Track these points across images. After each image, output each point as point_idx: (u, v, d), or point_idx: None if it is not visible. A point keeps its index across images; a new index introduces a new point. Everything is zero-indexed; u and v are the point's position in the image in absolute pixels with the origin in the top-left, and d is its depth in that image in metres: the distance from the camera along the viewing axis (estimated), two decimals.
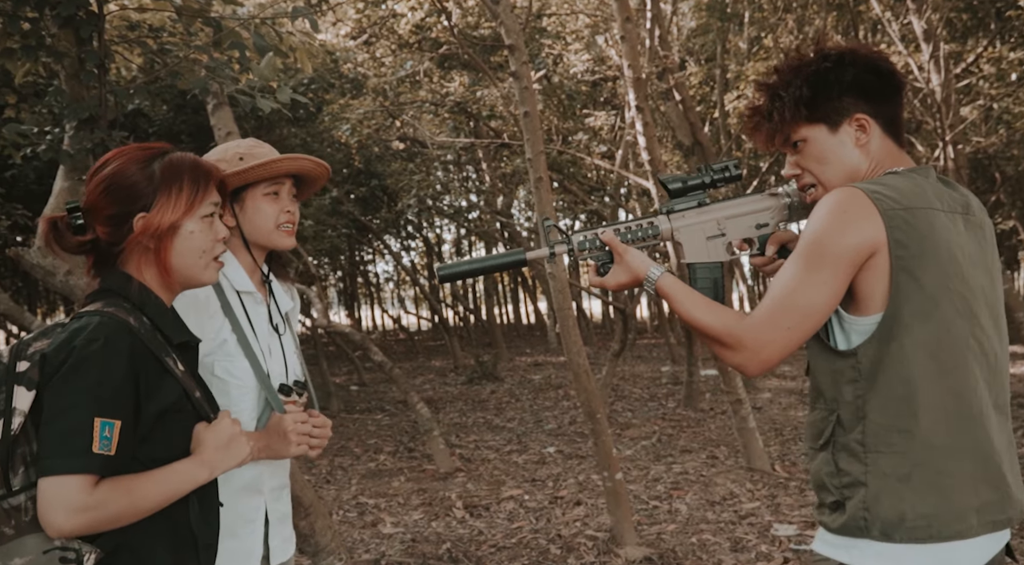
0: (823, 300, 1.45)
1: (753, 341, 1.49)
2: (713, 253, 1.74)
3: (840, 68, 1.57)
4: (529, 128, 4.36)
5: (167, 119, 8.25)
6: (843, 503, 1.50)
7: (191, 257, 1.58)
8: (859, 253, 1.43)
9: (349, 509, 5.74)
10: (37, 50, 3.13)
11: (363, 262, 22.73)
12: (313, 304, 7.86)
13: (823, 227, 1.45)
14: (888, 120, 1.59)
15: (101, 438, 1.37)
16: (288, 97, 3.35)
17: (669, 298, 1.67)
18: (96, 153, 3.01)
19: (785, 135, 1.63)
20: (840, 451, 1.51)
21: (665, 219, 1.77)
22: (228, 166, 1.93)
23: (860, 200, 1.43)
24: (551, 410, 9.57)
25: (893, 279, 1.43)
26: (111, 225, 1.53)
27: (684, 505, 5.19)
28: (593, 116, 10.18)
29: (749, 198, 1.77)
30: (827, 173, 1.60)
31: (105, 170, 1.57)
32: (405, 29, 9.27)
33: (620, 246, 1.73)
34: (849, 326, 1.50)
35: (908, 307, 1.43)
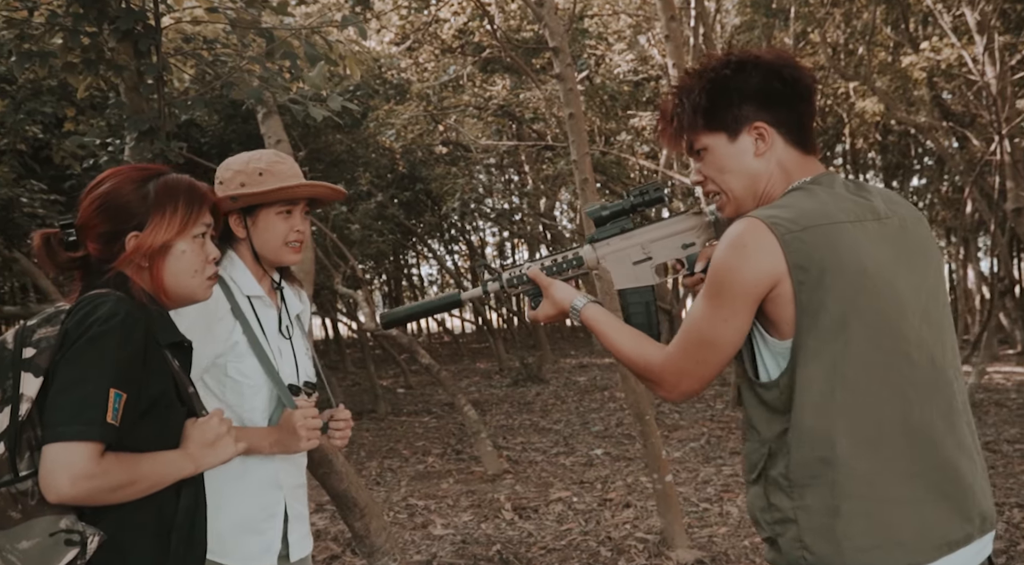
0: (728, 334, 1.44)
1: (670, 375, 1.52)
2: (641, 277, 1.75)
3: (741, 75, 1.51)
4: (574, 130, 4.36)
5: (218, 129, 8.42)
6: (776, 540, 1.44)
7: (184, 276, 1.63)
8: (758, 287, 1.39)
9: (399, 510, 5.79)
10: (97, 64, 3.24)
11: (407, 266, 22.92)
12: (360, 308, 7.94)
13: (723, 262, 1.42)
14: (792, 128, 1.53)
15: (114, 409, 1.42)
16: (339, 105, 3.42)
17: (593, 329, 1.69)
18: (155, 163, 3.10)
19: (688, 142, 1.59)
20: (770, 485, 1.45)
21: (590, 249, 1.79)
22: (247, 180, 1.99)
23: (757, 230, 1.39)
24: (597, 412, 9.54)
25: (797, 303, 1.38)
26: (103, 243, 1.58)
27: (735, 508, 5.13)
28: (637, 116, 10.14)
29: (673, 219, 1.76)
30: (729, 182, 1.55)
31: (100, 188, 1.61)
32: (448, 34, 9.34)
33: (544, 280, 1.77)
34: (774, 349, 1.44)
35: (814, 332, 1.38)
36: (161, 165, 1.72)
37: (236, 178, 2.01)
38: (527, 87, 10.29)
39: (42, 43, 3.58)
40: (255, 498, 1.99)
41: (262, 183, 1.98)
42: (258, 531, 1.98)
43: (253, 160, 2.03)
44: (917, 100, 11.58)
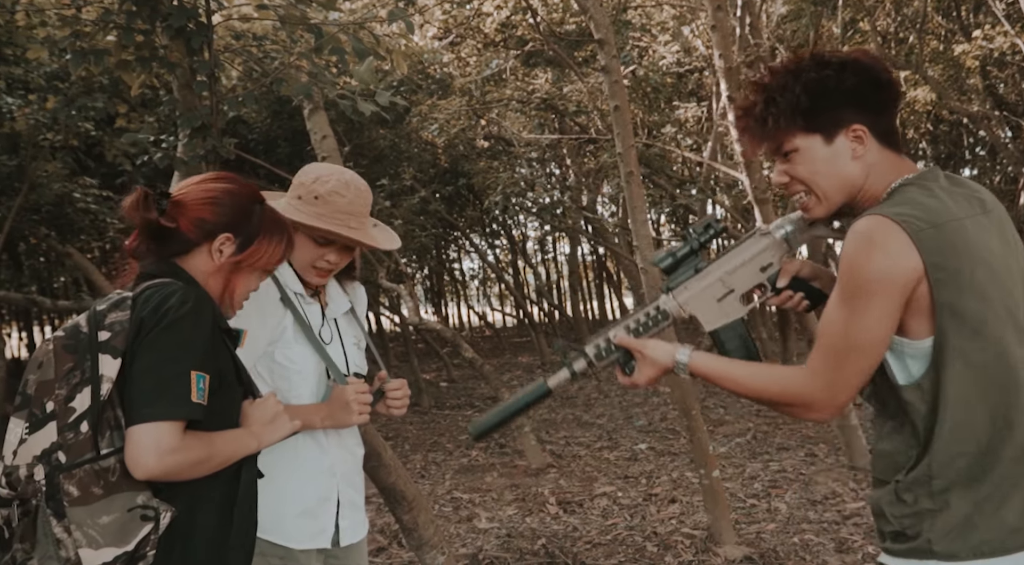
0: (879, 336, 1.40)
1: (822, 392, 1.47)
2: (730, 312, 1.71)
3: (840, 76, 1.48)
4: (619, 122, 4.32)
5: (265, 125, 8.52)
6: (904, 533, 1.45)
7: (242, 292, 1.75)
8: (907, 284, 1.37)
9: (444, 504, 5.82)
10: (151, 61, 3.29)
11: (449, 260, 23.00)
12: (404, 302, 7.99)
13: (862, 263, 1.38)
14: (884, 131, 1.52)
15: (198, 389, 1.51)
16: (387, 100, 3.42)
17: (710, 378, 1.63)
18: (208, 160, 3.15)
19: (778, 143, 1.54)
20: (910, 484, 1.44)
21: (669, 298, 1.74)
22: (304, 195, 2.01)
23: (890, 228, 1.37)
24: (641, 406, 9.48)
25: (936, 303, 1.36)
26: (199, 228, 1.67)
27: (784, 504, 5.06)
28: (683, 108, 10.02)
29: (742, 246, 1.72)
30: (820, 185, 1.52)
31: (220, 185, 1.72)
32: (491, 28, 9.32)
33: (635, 343, 1.72)
34: (901, 349, 1.43)
35: (956, 330, 1.37)
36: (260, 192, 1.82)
37: (298, 189, 2.03)
38: (570, 80, 10.24)
39: (95, 41, 3.65)
40: (311, 483, 2.04)
41: (311, 206, 1.99)
42: (313, 515, 2.03)
43: (320, 180, 2.02)
44: (970, 89, 11.28)
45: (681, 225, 20.08)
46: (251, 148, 8.25)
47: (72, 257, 7.65)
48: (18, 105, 6.22)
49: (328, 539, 2.06)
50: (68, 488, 1.47)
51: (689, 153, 9.79)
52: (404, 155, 10.41)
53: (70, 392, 1.50)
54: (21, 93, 6.54)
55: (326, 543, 2.05)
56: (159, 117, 5.57)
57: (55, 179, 7.23)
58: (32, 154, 6.86)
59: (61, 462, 1.48)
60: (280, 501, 1.97)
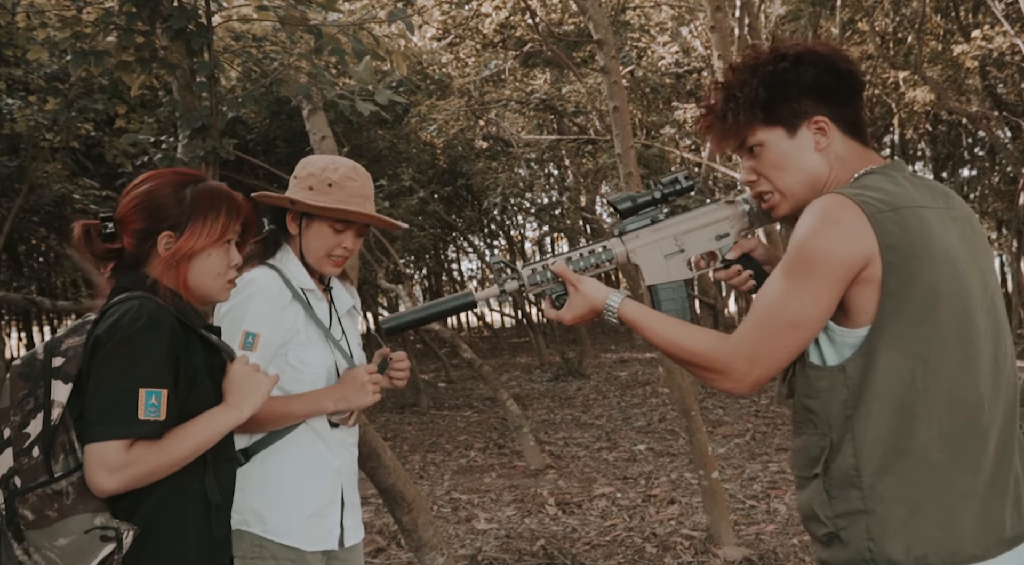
0: (815, 316, 1.36)
1: (741, 363, 1.41)
2: (674, 271, 1.65)
3: (798, 68, 1.47)
4: (618, 123, 4.32)
5: (264, 126, 8.52)
6: (838, 535, 1.38)
7: (206, 278, 1.71)
8: (852, 266, 1.33)
9: (443, 505, 5.82)
10: (151, 62, 3.29)
11: (448, 260, 23.01)
12: (403, 302, 8.00)
13: (814, 237, 1.35)
14: (849, 121, 1.50)
15: (147, 406, 1.52)
16: (387, 98, 3.43)
17: (636, 325, 1.56)
18: (208, 160, 3.15)
19: (740, 139, 1.53)
20: (834, 478, 1.39)
21: (618, 241, 1.67)
22: (316, 185, 2.02)
23: (847, 207, 1.34)
24: (639, 407, 9.49)
25: (884, 286, 1.33)
26: (137, 239, 1.67)
27: (783, 505, 5.06)
28: (681, 109, 10.03)
29: (705, 208, 1.68)
30: (785, 180, 1.50)
31: (140, 188, 1.70)
32: (489, 28, 9.33)
33: (572, 276, 1.64)
34: (840, 339, 1.38)
35: (899, 315, 1.33)
36: (199, 172, 1.80)
37: (307, 180, 2.04)
38: (569, 81, 10.24)
39: (95, 42, 3.65)
40: (319, 485, 2.05)
41: (326, 194, 2.01)
42: (321, 516, 2.04)
43: (329, 168, 2.04)
44: (969, 89, 11.29)
45: None
46: (250, 149, 8.25)
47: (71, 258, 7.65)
48: (18, 106, 6.23)
49: (335, 540, 2.07)
50: (23, 512, 1.50)
51: (688, 154, 9.79)
52: (403, 155, 10.41)
53: (24, 418, 1.53)
54: (21, 94, 6.54)
55: (333, 544, 2.06)
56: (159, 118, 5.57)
57: (55, 180, 7.24)
58: (32, 155, 6.86)
59: (16, 486, 1.51)
60: (290, 503, 1.98)
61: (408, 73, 9.41)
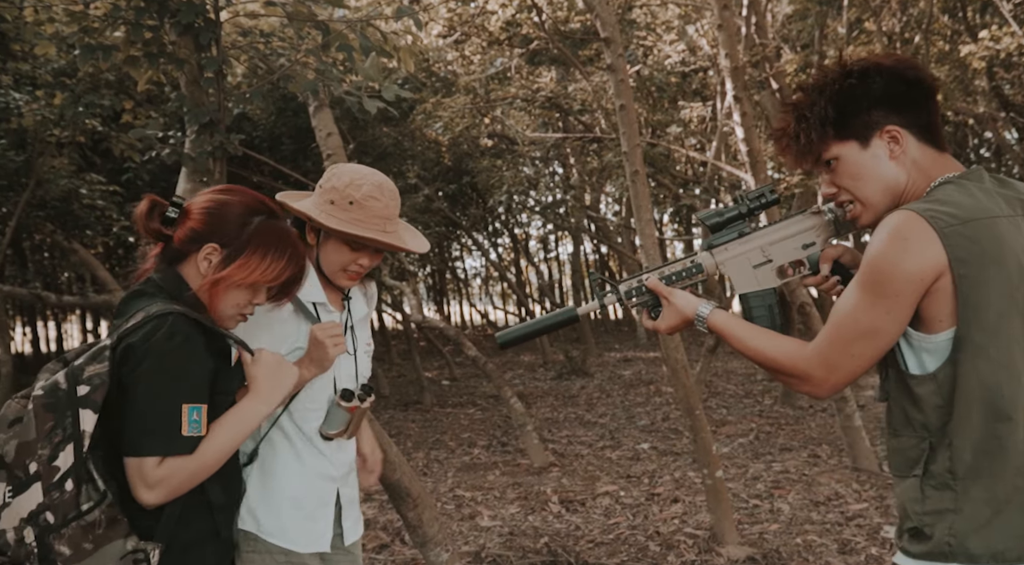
0: (887, 328, 1.45)
1: (819, 370, 1.51)
2: (763, 281, 1.75)
3: (865, 82, 1.53)
4: (625, 121, 4.32)
5: (270, 123, 8.53)
6: (922, 530, 1.47)
7: (227, 305, 1.70)
8: (923, 280, 1.40)
9: (447, 501, 5.82)
10: (158, 57, 3.30)
11: (452, 258, 23.02)
12: (407, 300, 8.00)
13: (883, 254, 1.41)
14: (922, 128, 1.54)
15: (190, 422, 1.55)
16: (394, 95, 3.42)
17: (724, 334, 1.68)
18: (215, 156, 3.15)
19: (816, 155, 1.60)
20: (929, 479, 1.47)
21: (708, 255, 1.78)
22: (338, 200, 1.96)
23: (917, 224, 1.40)
24: (643, 406, 9.49)
25: (959, 298, 1.39)
26: (188, 238, 1.68)
27: (786, 505, 5.06)
28: (687, 108, 10.01)
29: (790, 220, 1.76)
30: (863, 190, 1.57)
31: (220, 196, 1.72)
32: (496, 26, 9.32)
33: (664, 289, 1.77)
34: (919, 344, 1.46)
35: (977, 325, 1.39)
36: (275, 206, 1.80)
37: (330, 194, 1.98)
38: (574, 79, 10.23)
39: (103, 37, 3.66)
40: (312, 489, 2.05)
41: (346, 212, 1.95)
42: (313, 519, 2.04)
43: (354, 184, 1.98)
44: (976, 90, 11.25)
45: (685, 225, 20.08)
46: (256, 145, 8.26)
47: (77, 253, 7.66)
48: (25, 101, 6.24)
49: (327, 543, 2.07)
50: (60, 549, 1.48)
51: (693, 152, 9.78)
52: (408, 153, 10.41)
53: (53, 451, 1.48)
54: (28, 89, 6.55)
55: (326, 547, 2.06)
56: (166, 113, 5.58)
57: (62, 175, 7.25)
58: (39, 150, 6.88)
59: (50, 522, 1.47)
60: (282, 506, 1.98)
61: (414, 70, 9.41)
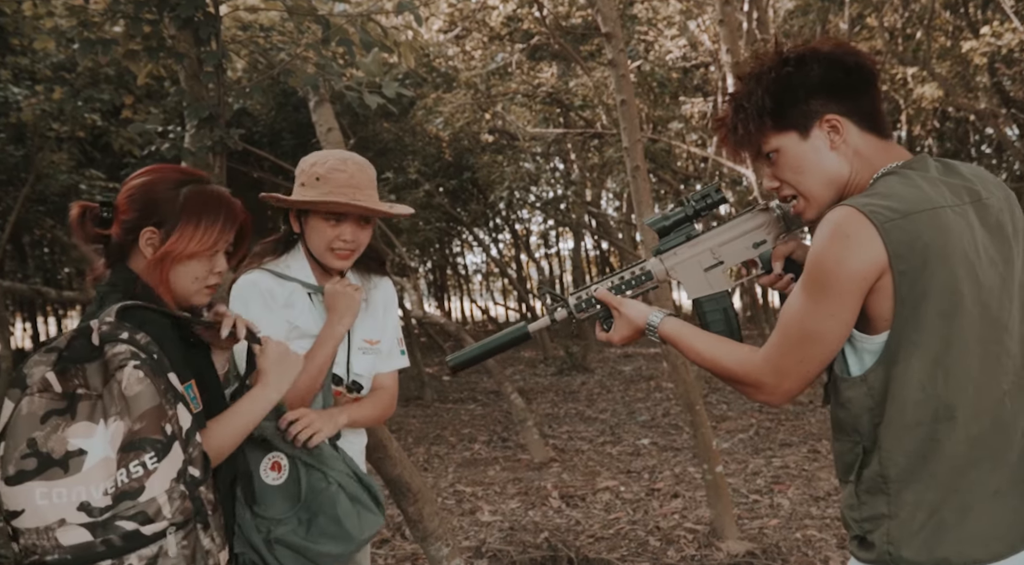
0: (832, 330, 1.38)
1: (770, 376, 1.46)
2: (715, 283, 1.70)
3: (802, 70, 1.46)
4: (626, 117, 4.31)
5: (270, 117, 8.53)
6: (864, 537, 1.42)
7: (186, 280, 1.67)
8: (866, 278, 1.33)
9: (447, 497, 5.83)
10: (158, 51, 3.29)
11: (453, 254, 23.01)
12: (408, 295, 8.00)
13: (823, 255, 1.36)
14: (864, 115, 1.48)
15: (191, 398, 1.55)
16: (394, 91, 3.42)
17: (675, 343, 1.62)
18: (215, 151, 3.15)
19: (755, 147, 1.54)
20: (864, 483, 1.42)
21: (657, 261, 1.73)
22: (307, 180, 2.02)
23: (856, 220, 1.33)
24: (643, 402, 9.49)
25: (896, 297, 1.33)
26: (124, 229, 1.65)
27: (786, 500, 5.06)
28: (689, 103, 10.00)
29: (738, 219, 1.71)
30: (806, 183, 1.50)
31: (139, 180, 1.69)
32: (496, 21, 9.30)
33: (614, 300, 1.72)
34: (861, 346, 1.40)
35: (915, 323, 1.33)
36: (202, 172, 1.77)
37: (300, 177, 2.05)
38: (576, 74, 10.21)
39: (102, 31, 3.65)
40: None
41: (314, 188, 2.01)
42: None
43: (319, 162, 2.04)
44: (977, 86, 11.23)
45: None
46: (256, 140, 8.25)
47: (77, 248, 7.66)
48: (25, 95, 6.23)
49: None
50: (209, 497, 1.51)
51: (695, 148, 9.76)
52: (409, 148, 10.40)
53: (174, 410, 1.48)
54: (28, 83, 6.55)
55: None
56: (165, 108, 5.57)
57: (61, 170, 7.25)
58: (38, 145, 6.87)
59: (196, 476, 1.48)
60: None
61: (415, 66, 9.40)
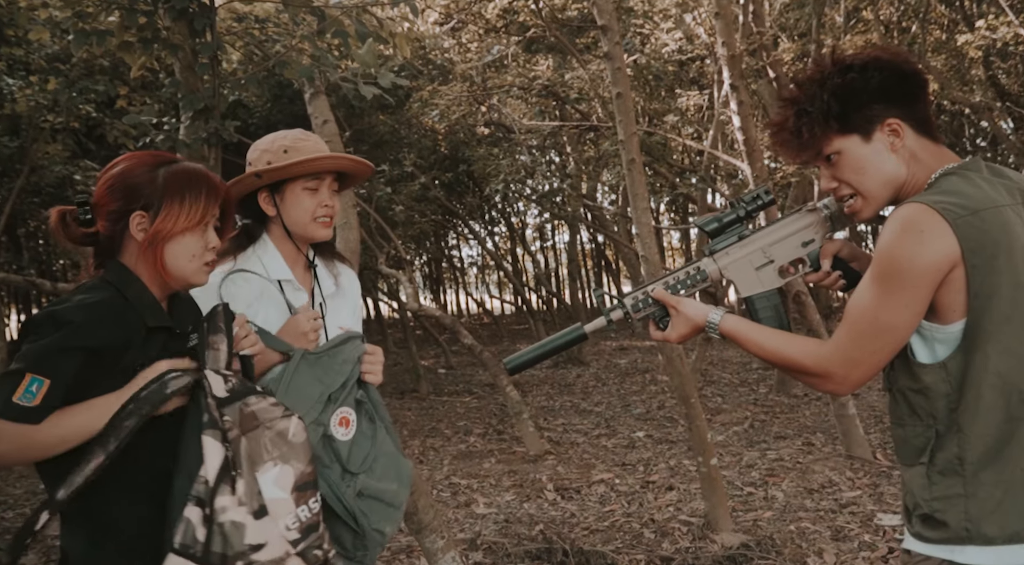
0: (905, 321, 1.46)
1: (840, 367, 1.52)
2: (766, 281, 1.76)
3: (864, 76, 1.55)
4: (621, 110, 4.31)
5: (265, 109, 8.50)
6: (932, 516, 1.48)
7: (182, 260, 1.67)
8: (939, 271, 1.41)
9: (442, 489, 5.84)
10: (153, 43, 3.28)
11: (448, 247, 23.01)
12: (403, 288, 8.01)
13: (897, 248, 1.43)
14: (919, 120, 1.56)
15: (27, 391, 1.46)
16: (390, 82, 3.41)
17: (737, 339, 1.68)
18: (210, 143, 3.14)
19: (816, 149, 1.61)
20: (938, 466, 1.49)
21: (710, 261, 1.80)
22: (273, 157, 2.01)
23: (929, 215, 1.41)
24: (638, 394, 9.51)
25: (970, 287, 1.41)
26: (110, 220, 1.64)
27: (780, 492, 5.09)
28: (684, 96, 9.99)
29: (788, 219, 1.77)
30: (866, 183, 1.57)
31: (114, 169, 1.68)
32: (492, 13, 9.27)
33: (672, 299, 1.77)
34: (931, 335, 1.47)
35: (988, 314, 1.42)
36: (174, 154, 1.78)
37: (263, 157, 2.04)
38: (571, 67, 10.19)
39: (97, 22, 3.63)
40: None
41: (286, 160, 2.00)
42: None
43: (279, 139, 2.05)
44: (972, 79, 11.24)
45: (681, 214, 20.08)
46: (251, 132, 8.22)
47: None
48: (19, 87, 6.21)
49: None
50: None
51: (690, 141, 9.76)
52: (404, 141, 10.38)
53: None
54: (22, 74, 6.52)
55: None
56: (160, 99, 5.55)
57: (56, 161, 7.23)
58: (33, 136, 6.85)
59: None
60: None
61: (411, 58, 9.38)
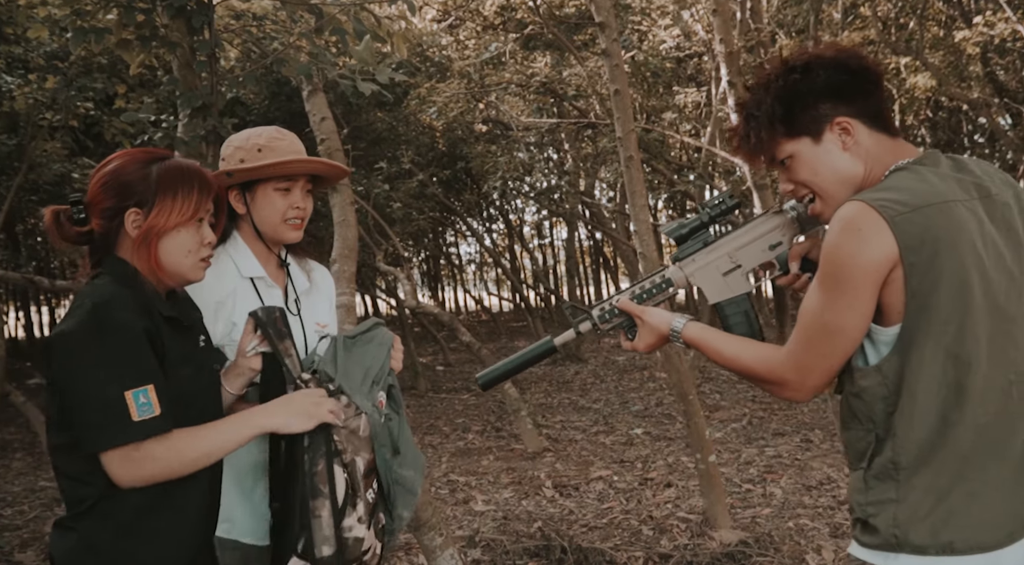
0: (852, 323, 1.42)
1: (794, 373, 1.50)
2: (735, 287, 1.73)
3: (808, 76, 1.52)
4: (619, 106, 4.30)
5: (263, 107, 8.50)
6: (867, 521, 1.46)
7: (178, 255, 1.67)
8: (879, 271, 1.37)
9: (441, 486, 5.85)
10: (151, 41, 3.28)
11: (446, 244, 23.01)
12: (401, 285, 8.01)
13: (837, 249, 1.40)
14: (872, 115, 1.53)
15: (138, 405, 1.50)
16: (387, 77, 3.41)
17: (700, 346, 1.67)
18: (208, 140, 3.14)
19: (769, 154, 1.58)
20: (872, 470, 1.46)
21: (676, 268, 1.77)
22: (246, 155, 1.97)
23: (866, 214, 1.38)
24: (637, 391, 9.52)
25: (907, 288, 1.37)
26: (105, 218, 1.64)
27: (779, 489, 5.10)
28: (682, 93, 9.99)
29: (754, 222, 1.75)
30: (821, 184, 1.55)
31: (107, 167, 1.69)
32: (490, 10, 9.27)
33: (636, 309, 1.76)
34: (877, 338, 1.44)
35: (926, 314, 1.37)
36: (166, 150, 1.78)
37: (236, 154, 2.00)
38: (569, 64, 10.19)
39: (95, 20, 3.63)
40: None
41: (260, 159, 1.97)
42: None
43: (253, 136, 2.01)
44: (970, 76, 11.25)
45: (679, 210, 20.08)
46: None
47: None
48: (17, 84, 6.20)
49: None
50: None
51: (688, 138, 9.76)
52: (402, 138, 10.38)
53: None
54: (21, 72, 6.52)
55: None
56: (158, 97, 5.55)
57: (54, 159, 7.23)
58: (31, 134, 6.84)
59: None
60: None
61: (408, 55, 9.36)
